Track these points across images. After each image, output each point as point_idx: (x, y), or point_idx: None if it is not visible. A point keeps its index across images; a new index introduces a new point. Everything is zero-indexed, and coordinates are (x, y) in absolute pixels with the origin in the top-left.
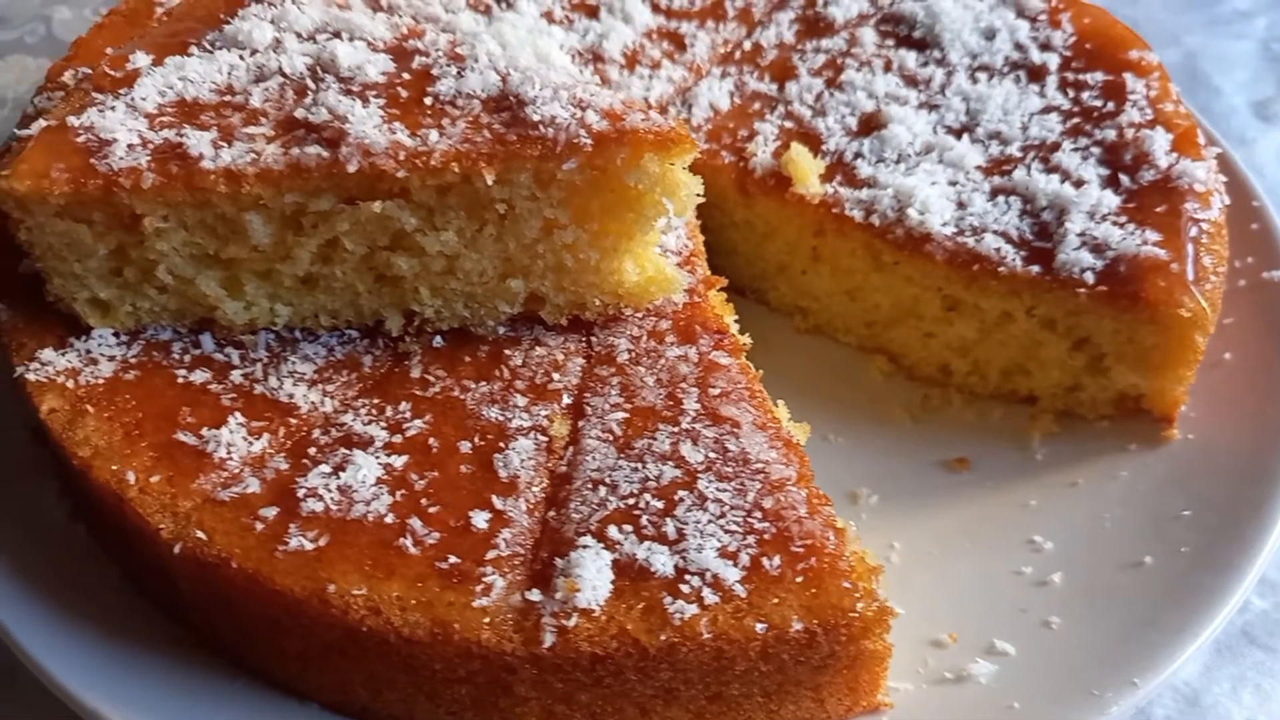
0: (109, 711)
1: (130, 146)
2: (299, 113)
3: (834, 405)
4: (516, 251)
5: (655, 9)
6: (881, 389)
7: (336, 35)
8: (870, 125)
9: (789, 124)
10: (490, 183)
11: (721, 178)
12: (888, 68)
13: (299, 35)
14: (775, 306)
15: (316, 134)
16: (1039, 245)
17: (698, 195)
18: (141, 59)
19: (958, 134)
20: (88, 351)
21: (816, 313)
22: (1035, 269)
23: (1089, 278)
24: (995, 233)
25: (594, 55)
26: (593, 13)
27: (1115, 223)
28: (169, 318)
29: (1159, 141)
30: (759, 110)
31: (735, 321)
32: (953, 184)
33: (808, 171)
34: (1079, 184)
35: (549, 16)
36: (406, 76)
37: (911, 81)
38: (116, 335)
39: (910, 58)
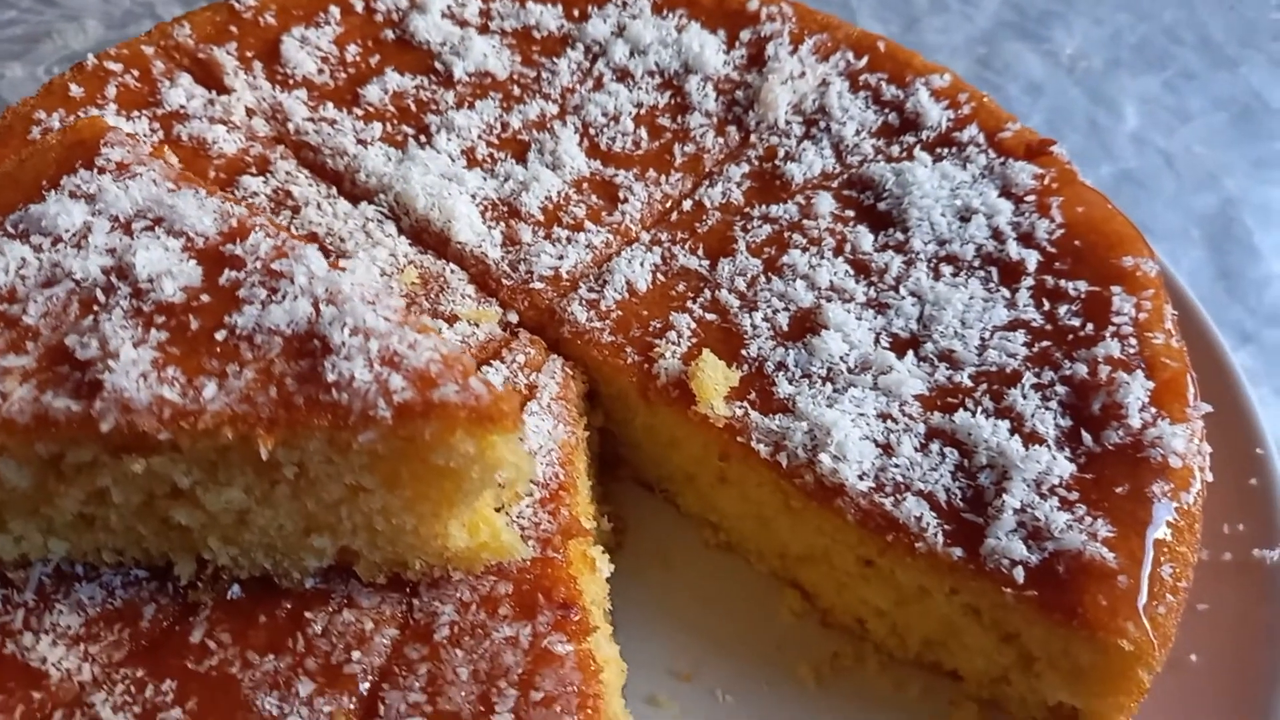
0: None
1: None
2: (70, 339)
3: (730, 649)
4: (318, 510)
5: (593, 151)
6: (788, 634)
7: (155, 225)
8: (803, 327)
9: (711, 316)
10: (268, 451)
11: (622, 378)
12: (839, 249)
13: (113, 221)
14: (684, 513)
15: (80, 373)
16: (968, 517)
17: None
18: None
19: (903, 348)
20: None
21: (727, 530)
22: (958, 552)
23: (1019, 574)
24: (919, 494)
25: (509, 209)
26: (521, 152)
27: (1063, 500)
28: None
29: (1136, 391)
30: (681, 294)
31: (609, 563)
32: (883, 418)
33: (712, 390)
34: (1030, 438)
35: (470, 155)
36: (207, 299)
37: (862, 270)
38: None
39: (866, 239)
